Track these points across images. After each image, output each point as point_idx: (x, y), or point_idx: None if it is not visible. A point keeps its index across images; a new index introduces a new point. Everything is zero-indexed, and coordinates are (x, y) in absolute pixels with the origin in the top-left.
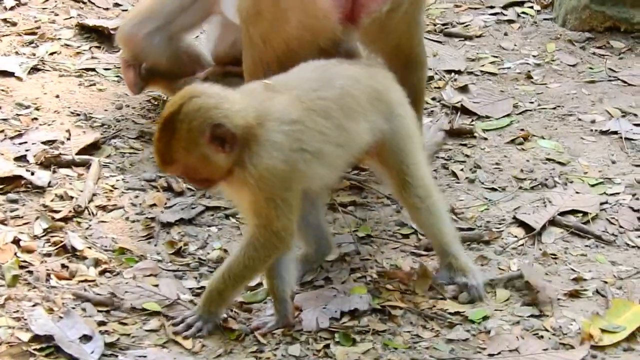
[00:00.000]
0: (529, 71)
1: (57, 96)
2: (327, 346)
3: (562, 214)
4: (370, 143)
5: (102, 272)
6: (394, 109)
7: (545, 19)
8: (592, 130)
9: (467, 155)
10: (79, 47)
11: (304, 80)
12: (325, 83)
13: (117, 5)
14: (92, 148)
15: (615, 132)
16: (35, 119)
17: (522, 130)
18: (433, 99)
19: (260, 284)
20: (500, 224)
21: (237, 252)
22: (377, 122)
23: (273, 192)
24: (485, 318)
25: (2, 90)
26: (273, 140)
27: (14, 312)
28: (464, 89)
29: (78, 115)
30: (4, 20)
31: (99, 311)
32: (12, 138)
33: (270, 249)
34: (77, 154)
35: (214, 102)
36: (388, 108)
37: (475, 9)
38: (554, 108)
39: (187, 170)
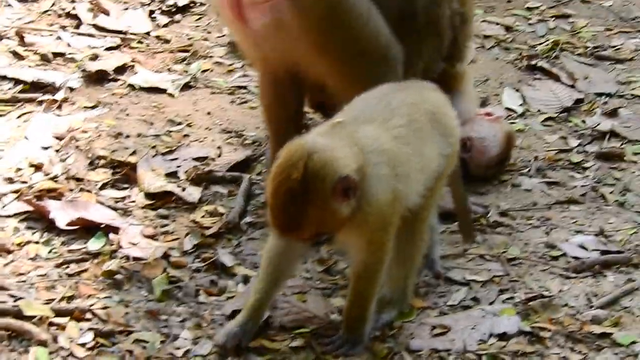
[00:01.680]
0: None
1: (209, 113)
2: None
3: None
4: (441, 166)
5: None
6: (450, 131)
7: None
8: None
9: (617, 179)
10: (230, 64)
11: (373, 111)
12: (392, 111)
13: None
14: (243, 165)
15: None
16: (187, 135)
17: None
18: (583, 121)
19: None
20: None
21: (359, 279)
22: (441, 145)
23: (385, 222)
24: (633, 342)
25: (155, 106)
26: (378, 174)
27: (162, 327)
28: (614, 112)
29: (229, 132)
30: (157, 37)
31: None
32: (163, 154)
33: (382, 265)
34: (227, 170)
35: (332, 154)
36: (446, 130)
37: (627, 32)
38: None
39: (317, 229)
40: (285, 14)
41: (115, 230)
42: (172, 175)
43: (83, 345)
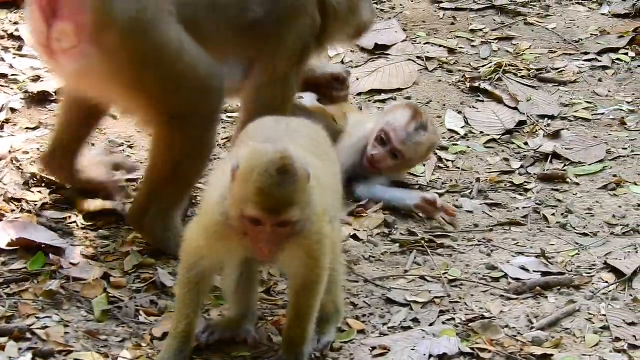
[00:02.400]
0: (623, 117)
1: (150, 134)
2: None
3: None
4: (339, 187)
5: None
6: (335, 159)
7: None
8: None
9: (559, 200)
10: None
11: (279, 133)
12: (294, 132)
13: None
14: None
15: None
16: (128, 156)
17: (615, 176)
18: (525, 143)
19: None
20: (591, 269)
21: (299, 297)
22: (335, 168)
23: (322, 234)
24: None
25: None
26: (313, 186)
27: (102, 347)
28: (556, 134)
29: None
30: None
31: None
32: None
33: (321, 283)
34: None
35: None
36: (333, 156)
37: (570, 54)
38: None
39: (299, 219)
40: (94, 59)
41: (56, 250)
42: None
43: None
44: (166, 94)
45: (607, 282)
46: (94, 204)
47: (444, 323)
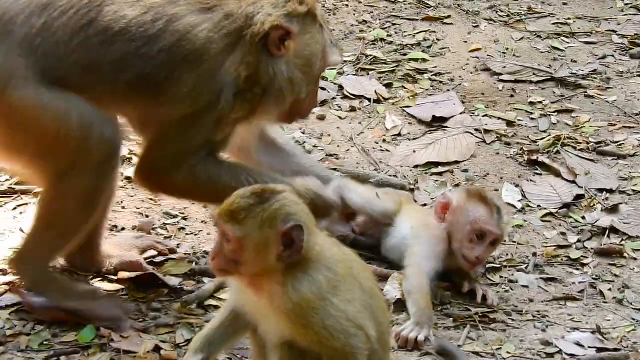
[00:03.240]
0: None
1: (205, 206)
2: None
3: None
4: None
5: None
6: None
7: None
8: None
9: (616, 275)
10: None
11: None
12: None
13: None
14: None
15: None
16: (182, 228)
17: None
18: (583, 217)
19: None
20: None
21: None
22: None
23: None
24: None
25: (150, 199)
26: None
27: None
28: (615, 209)
29: None
30: None
31: None
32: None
33: None
34: None
35: (304, 208)
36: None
37: (630, 127)
38: None
39: (240, 243)
40: None
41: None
42: None
43: None
44: (43, 153)
45: None
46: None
47: None
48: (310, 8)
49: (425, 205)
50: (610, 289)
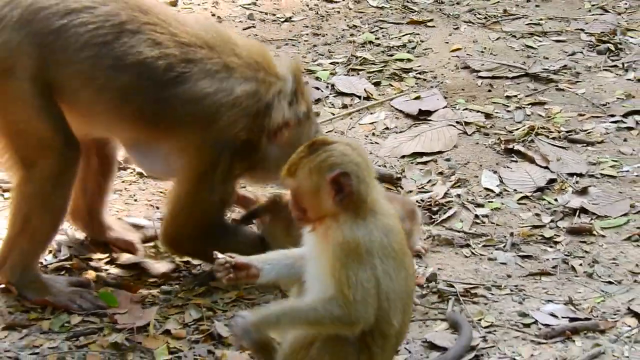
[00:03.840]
0: None
1: None
2: None
3: None
4: None
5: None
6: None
7: None
8: None
9: (586, 252)
10: None
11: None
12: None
13: None
14: None
15: None
16: None
17: (638, 228)
18: (555, 200)
19: None
20: (615, 314)
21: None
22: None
23: None
24: None
25: (161, 192)
26: None
27: None
28: (584, 191)
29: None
30: None
31: None
32: None
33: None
34: None
35: (357, 159)
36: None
37: (598, 117)
38: None
39: (298, 192)
40: None
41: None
42: None
43: None
44: (14, 139)
45: (630, 326)
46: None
47: None
48: (308, 107)
49: (410, 191)
50: (581, 264)
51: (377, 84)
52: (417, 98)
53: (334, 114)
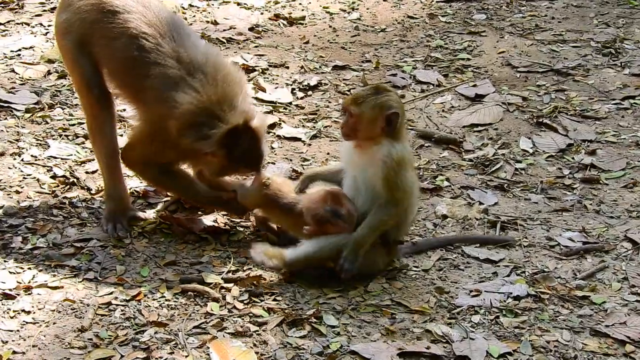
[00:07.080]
0: (637, 141)
1: (328, 153)
2: (497, 317)
3: None
4: None
5: None
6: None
7: None
8: None
9: (594, 195)
10: None
11: None
12: None
13: None
14: None
15: None
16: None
17: (632, 179)
18: (572, 158)
19: None
20: (616, 240)
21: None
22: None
23: None
24: (604, 302)
25: (294, 149)
26: None
27: None
28: (593, 152)
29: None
30: (296, 105)
31: None
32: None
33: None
34: None
35: (402, 105)
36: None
37: (602, 100)
38: None
39: (358, 117)
40: None
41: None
42: None
43: (241, 301)
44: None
45: (626, 248)
46: None
47: (517, 275)
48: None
49: (469, 151)
50: (591, 204)
51: (445, 76)
52: (474, 86)
53: (414, 97)
